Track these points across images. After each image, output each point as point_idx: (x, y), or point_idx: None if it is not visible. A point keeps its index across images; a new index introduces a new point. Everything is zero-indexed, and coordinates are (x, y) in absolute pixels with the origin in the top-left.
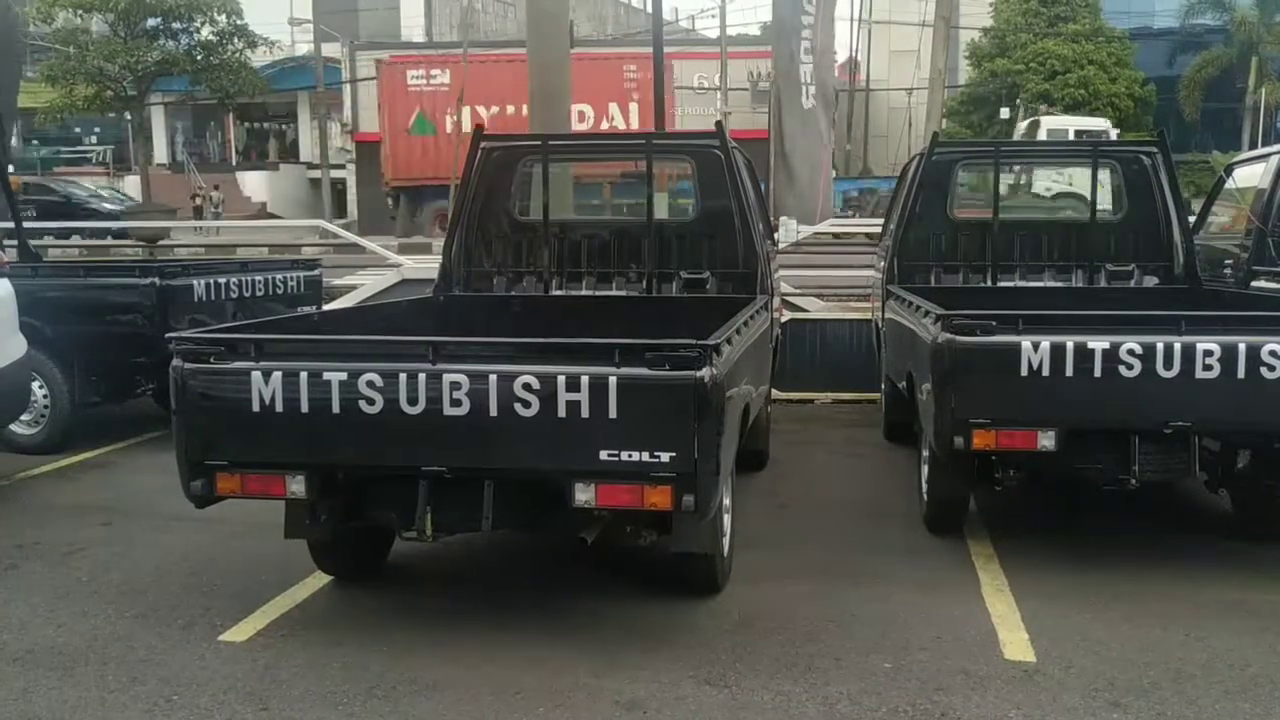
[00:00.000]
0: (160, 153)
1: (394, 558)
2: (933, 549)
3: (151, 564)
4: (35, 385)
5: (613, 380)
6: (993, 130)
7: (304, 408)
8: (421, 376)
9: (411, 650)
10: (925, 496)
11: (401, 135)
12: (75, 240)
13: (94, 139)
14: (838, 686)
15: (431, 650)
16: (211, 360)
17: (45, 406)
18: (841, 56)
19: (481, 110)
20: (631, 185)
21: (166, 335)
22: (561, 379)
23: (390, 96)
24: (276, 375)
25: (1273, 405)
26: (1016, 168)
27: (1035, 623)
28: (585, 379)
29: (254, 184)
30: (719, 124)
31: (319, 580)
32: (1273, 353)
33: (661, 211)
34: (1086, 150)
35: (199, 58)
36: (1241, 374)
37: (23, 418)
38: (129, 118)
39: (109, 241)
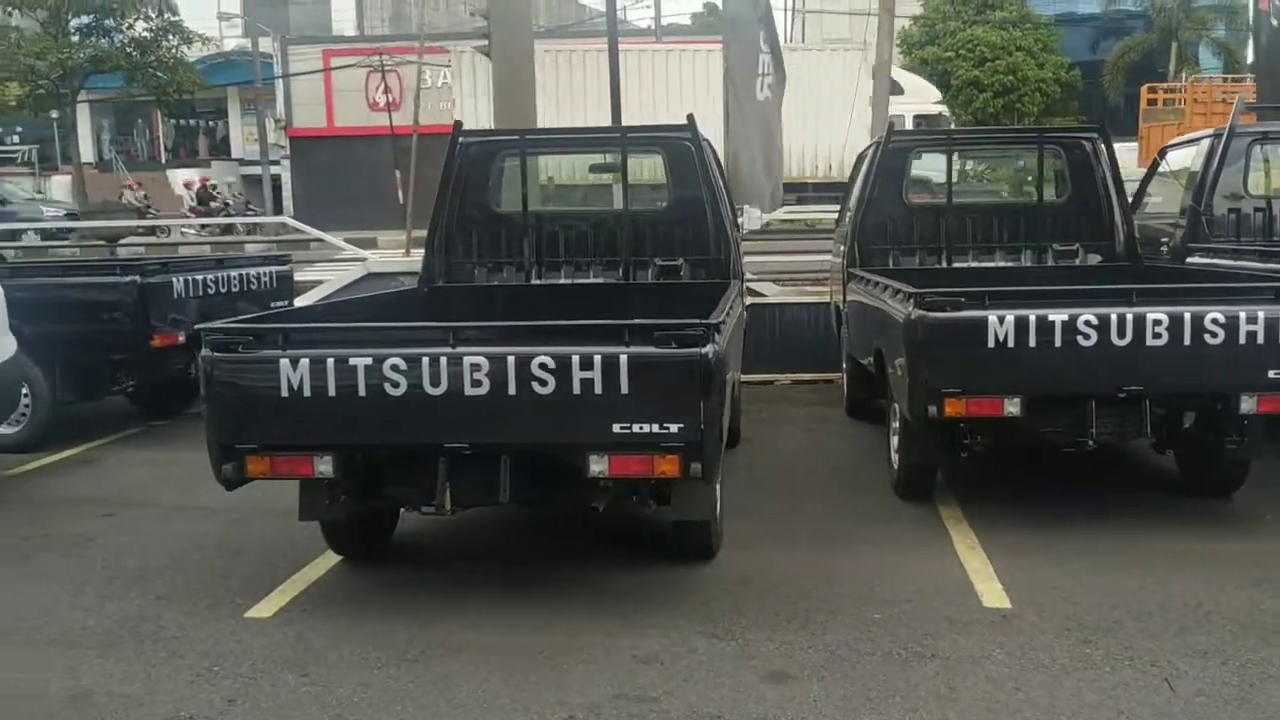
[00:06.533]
0: (87, 151)
1: (395, 539)
2: (905, 513)
3: (162, 551)
4: None
5: (623, 358)
6: None
7: (331, 391)
8: (443, 360)
9: (431, 620)
10: (896, 464)
11: None
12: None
13: (16, 139)
14: (835, 635)
15: (450, 619)
16: (240, 349)
17: (25, 405)
18: None
19: None
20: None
21: (197, 326)
22: (575, 358)
23: None
24: (304, 362)
25: (1216, 369)
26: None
27: (1007, 575)
28: (598, 358)
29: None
30: (690, 117)
31: (329, 560)
32: (1215, 320)
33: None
34: (1033, 137)
35: (133, 55)
36: (1187, 341)
37: None
38: (55, 115)
39: (54, 243)
